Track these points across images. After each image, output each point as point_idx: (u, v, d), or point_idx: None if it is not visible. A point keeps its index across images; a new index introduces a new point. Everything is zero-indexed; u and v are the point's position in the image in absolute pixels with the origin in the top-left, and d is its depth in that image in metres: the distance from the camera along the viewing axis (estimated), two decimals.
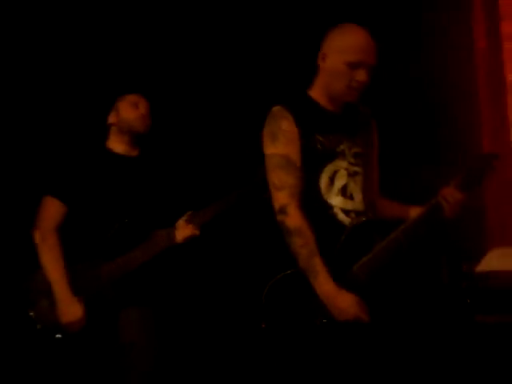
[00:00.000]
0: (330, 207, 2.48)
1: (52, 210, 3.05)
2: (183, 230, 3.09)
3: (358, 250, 2.44)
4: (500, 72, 3.81)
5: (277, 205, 2.44)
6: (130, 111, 3.17)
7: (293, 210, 2.41)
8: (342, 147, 2.53)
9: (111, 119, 3.22)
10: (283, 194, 2.44)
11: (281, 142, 2.47)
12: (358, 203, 2.53)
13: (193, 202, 3.22)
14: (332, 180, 2.50)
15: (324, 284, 2.35)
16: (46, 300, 2.98)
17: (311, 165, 2.49)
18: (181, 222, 3.10)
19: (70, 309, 2.94)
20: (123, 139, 3.19)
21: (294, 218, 2.40)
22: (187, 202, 3.22)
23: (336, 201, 2.50)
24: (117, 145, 3.20)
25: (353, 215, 2.50)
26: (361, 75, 2.46)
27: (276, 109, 2.51)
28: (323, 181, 2.49)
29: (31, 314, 2.96)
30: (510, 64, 3.79)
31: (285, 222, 2.41)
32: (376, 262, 2.42)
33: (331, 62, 2.49)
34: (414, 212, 2.55)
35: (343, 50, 2.46)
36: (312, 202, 2.48)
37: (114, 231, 3.02)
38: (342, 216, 2.49)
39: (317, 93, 2.58)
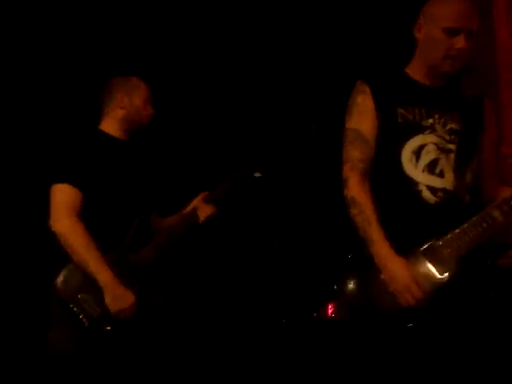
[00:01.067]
0: (415, 183, 2.33)
1: (66, 196, 2.77)
2: (205, 210, 3.10)
3: (442, 229, 2.28)
4: None
5: (343, 178, 2.40)
6: (145, 107, 3.02)
7: (352, 182, 2.35)
8: (430, 121, 2.37)
9: (121, 103, 2.98)
10: (347, 167, 2.39)
11: (353, 115, 2.41)
12: (448, 182, 2.33)
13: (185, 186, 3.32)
14: (418, 155, 2.35)
15: (380, 252, 2.24)
16: (86, 294, 2.75)
17: (391, 139, 2.37)
18: (198, 203, 3.11)
19: (121, 294, 2.73)
20: (124, 126, 3.00)
21: (351, 189, 2.34)
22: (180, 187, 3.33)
23: (421, 177, 2.33)
24: (114, 129, 2.99)
25: (440, 194, 2.32)
26: (460, 42, 2.30)
27: (357, 83, 2.45)
28: (405, 155, 2.35)
29: (75, 310, 2.72)
30: None
31: (345, 193, 2.36)
32: (464, 239, 2.25)
33: (428, 30, 2.36)
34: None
35: (440, 17, 2.33)
36: (393, 177, 2.36)
37: (137, 221, 2.89)
38: (427, 194, 2.32)
39: (414, 68, 2.46)
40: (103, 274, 2.72)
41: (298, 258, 4.13)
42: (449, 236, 2.26)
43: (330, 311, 4.40)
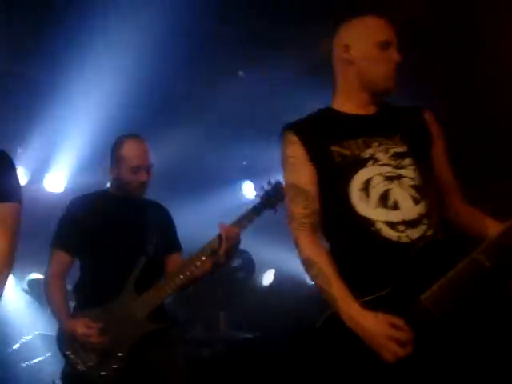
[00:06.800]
0: (371, 223, 2.15)
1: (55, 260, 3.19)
2: (225, 229, 3.06)
3: (424, 276, 2.04)
4: None
5: (292, 236, 2.27)
6: (129, 177, 3.18)
7: (302, 241, 2.22)
8: (370, 151, 2.22)
9: (111, 174, 3.26)
10: (293, 225, 2.25)
11: (288, 170, 2.30)
12: (407, 211, 2.15)
13: None
14: (366, 191, 2.17)
15: (345, 309, 2.07)
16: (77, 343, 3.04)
17: (334, 181, 2.21)
18: (222, 226, 3.10)
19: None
20: (123, 193, 3.25)
21: (303, 250, 2.21)
22: None
23: (376, 214, 2.15)
24: (117, 192, 3.28)
25: (401, 228, 2.13)
26: (395, 54, 2.25)
27: (283, 133, 2.33)
28: (354, 195, 2.18)
29: (71, 356, 3.03)
30: None
31: (299, 255, 2.23)
32: (450, 291, 2.01)
33: (360, 48, 2.27)
34: (495, 228, 2.12)
35: (370, 33, 2.26)
36: (348, 222, 2.19)
37: (141, 266, 3.10)
38: (387, 231, 2.13)
39: (339, 101, 2.35)
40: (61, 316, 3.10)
41: None
42: (434, 288, 2.00)
43: None
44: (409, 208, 2.14)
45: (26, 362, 4.55)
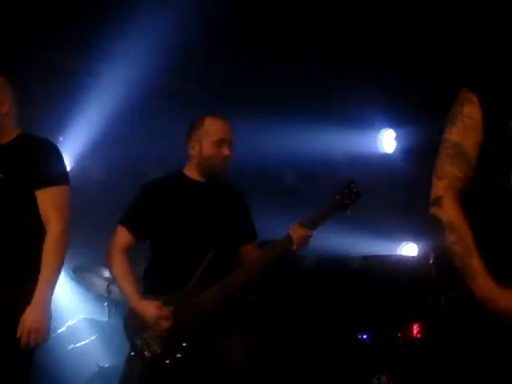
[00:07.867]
0: None
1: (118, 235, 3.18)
2: (297, 231, 3.12)
3: None
4: None
5: (433, 195, 2.16)
6: (213, 151, 3.17)
7: (447, 203, 2.11)
8: None
9: (192, 151, 3.19)
10: (441, 184, 2.14)
11: (457, 128, 2.15)
12: None
13: None
14: None
15: (483, 287, 1.99)
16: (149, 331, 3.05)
17: (501, 157, 2.09)
18: (293, 227, 3.16)
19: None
20: (203, 172, 3.24)
21: (447, 212, 2.10)
22: None
23: None
24: (195, 173, 3.27)
25: None
26: None
27: (462, 91, 2.19)
28: None
29: (138, 342, 3.05)
30: None
31: (437, 214, 2.12)
32: None
33: None
34: None
35: None
36: (501, 203, 2.09)
37: (209, 258, 3.07)
38: None
39: None
40: (131, 297, 3.09)
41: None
42: None
43: (415, 331, 4.28)
44: None
45: (72, 345, 4.63)
